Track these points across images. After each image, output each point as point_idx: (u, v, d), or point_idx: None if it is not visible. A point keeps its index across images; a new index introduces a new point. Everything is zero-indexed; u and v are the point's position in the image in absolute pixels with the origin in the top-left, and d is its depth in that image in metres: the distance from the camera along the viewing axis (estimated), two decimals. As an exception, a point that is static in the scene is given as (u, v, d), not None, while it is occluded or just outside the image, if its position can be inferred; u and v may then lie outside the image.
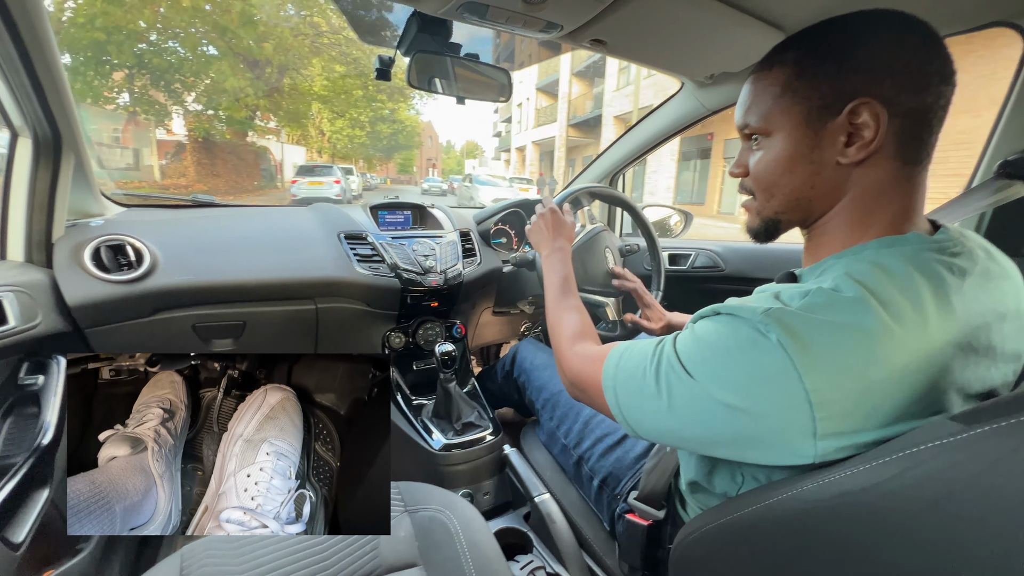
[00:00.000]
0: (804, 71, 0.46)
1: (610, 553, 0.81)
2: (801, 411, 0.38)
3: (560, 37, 0.89)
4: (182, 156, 13.46)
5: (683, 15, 0.81)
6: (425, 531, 0.71)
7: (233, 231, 1.13)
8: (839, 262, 0.45)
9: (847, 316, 0.39)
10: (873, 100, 0.43)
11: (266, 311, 1.09)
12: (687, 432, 0.45)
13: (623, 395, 0.51)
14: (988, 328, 0.43)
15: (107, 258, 0.93)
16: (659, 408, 0.46)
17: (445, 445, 1.12)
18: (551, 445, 1.00)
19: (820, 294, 0.41)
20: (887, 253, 0.43)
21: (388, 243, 1.22)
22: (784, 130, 0.48)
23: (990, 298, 0.44)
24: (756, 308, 0.42)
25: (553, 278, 0.82)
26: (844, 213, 0.47)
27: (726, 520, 0.48)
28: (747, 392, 0.40)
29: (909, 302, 0.39)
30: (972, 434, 0.32)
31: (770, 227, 0.53)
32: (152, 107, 11.95)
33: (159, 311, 0.98)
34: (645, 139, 1.48)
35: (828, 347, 0.38)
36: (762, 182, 0.52)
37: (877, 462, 0.36)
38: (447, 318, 1.38)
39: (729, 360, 0.42)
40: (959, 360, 0.40)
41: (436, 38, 0.91)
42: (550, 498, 0.95)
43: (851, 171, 0.46)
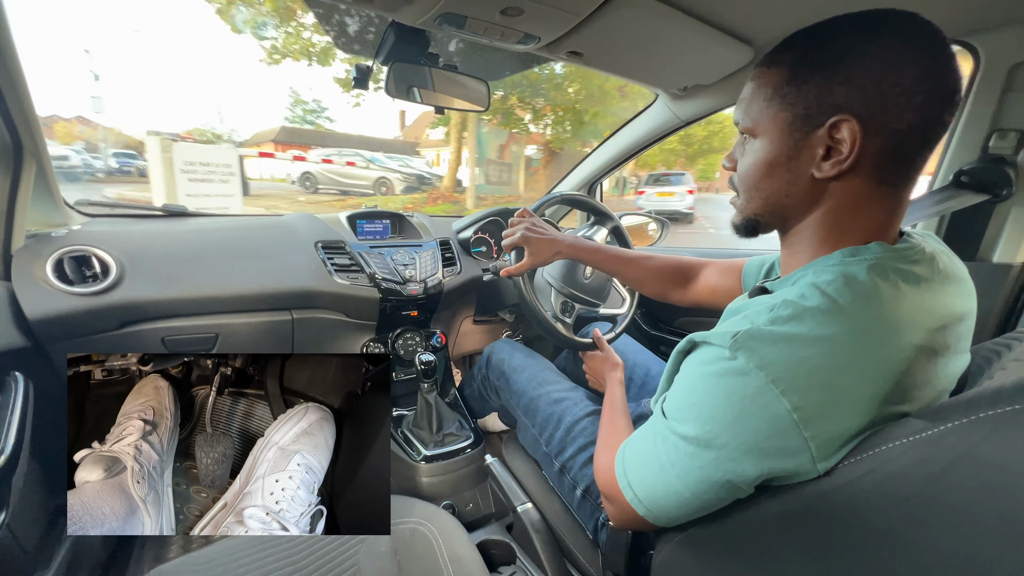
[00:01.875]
0: (796, 77, 0.45)
1: (594, 562, 0.81)
2: (790, 428, 0.39)
3: (538, 49, 0.91)
4: (533, 169, 13.58)
5: (657, 29, 0.84)
6: (406, 545, 0.70)
7: (205, 240, 1.10)
8: (807, 272, 0.46)
9: (811, 327, 0.40)
10: (852, 118, 0.42)
11: (240, 322, 1.06)
12: (711, 496, 0.45)
13: (642, 493, 0.50)
14: (946, 330, 0.44)
15: (71, 270, 0.89)
16: (680, 491, 0.46)
17: (426, 456, 1.10)
18: (533, 451, 0.99)
19: (785, 306, 0.42)
20: (851, 262, 0.44)
21: (367, 252, 1.21)
22: (768, 134, 0.48)
23: (948, 301, 0.46)
24: (726, 333, 0.42)
25: (610, 401, 0.83)
26: (816, 225, 0.48)
27: (707, 526, 0.49)
28: (742, 426, 0.40)
29: (871, 309, 0.40)
30: (936, 431, 0.33)
31: (749, 226, 0.54)
32: (519, 123, 11.49)
33: (126, 324, 0.95)
34: (620, 150, 1.51)
35: (796, 360, 0.39)
36: (744, 182, 0.52)
37: (849, 461, 0.38)
38: (427, 327, 1.37)
39: (716, 403, 0.42)
40: (920, 363, 0.41)
41: (414, 48, 0.91)
42: (533, 508, 0.94)
43: (827, 185, 0.46)
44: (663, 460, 0.47)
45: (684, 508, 0.47)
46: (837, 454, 0.39)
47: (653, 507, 0.49)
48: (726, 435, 0.41)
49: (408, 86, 0.98)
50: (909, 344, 0.41)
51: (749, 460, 0.41)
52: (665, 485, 0.47)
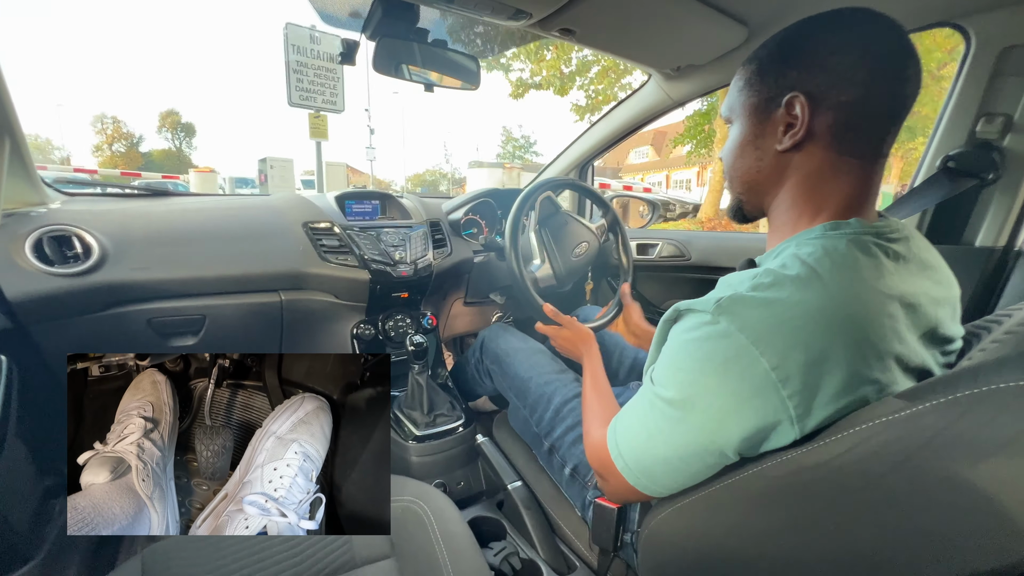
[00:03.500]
0: (762, 67, 0.51)
1: (582, 537, 0.84)
2: (770, 387, 0.41)
3: (529, 25, 0.89)
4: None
5: (651, 7, 0.82)
6: (399, 522, 0.71)
7: (189, 221, 1.08)
8: (790, 244, 0.49)
9: (790, 292, 0.42)
10: (801, 95, 0.47)
11: (227, 303, 1.05)
12: (696, 463, 0.47)
13: (632, 462, 0.52)
14: (922, 308, 0.46)
15: (51, 250, 0.87)
16: (668, 457, 0.49)
17: (417, 437, 1.11)
18: (524, 432, 1.01)
19: (767, 274, 0.44)
20: (832, 235, 0.47)
21: (356, 233, 1.19)
22: (740, 119, 0.54)
23: (925, 284, 0.48)
24: (709, 299, 0.45)
25: (591, 369, 0.85)
26: (788, 198, 0.52)
27: (692, 499, 0.50)
28: (723, 388, 0.43)
29: (848, 278, 0.43)
30: (913, 411, 0.34)
31: (736, 207, 0.59)
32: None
33: (110, 306, 0.93)
34: (612, 130, 1.49)
35: (776, 323, 0.41)
36: (725, 166, 0.58)
37: (831, 439, 0.39)
38: (417, 309, 1.37)
39: (700, 365, 0.45)
40: (899, 333, 0.43)
41: (402, 23, 0.88)
42: (523, 486, 0.96)
43: (791, 158, 0.50)
44: (651, 427, 0.50)
45: (672, 476, 0.50)
46: (814, 415, 0.41)
47: (643, 476, 0.52)
48: (709, 396, 0.44)
49: (396, 63, 0.96)
50: (884, 312, 0.42)
51: (731, 421, 0.43)
52: (653, 452, 0.50)
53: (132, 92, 79.91)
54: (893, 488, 0.34)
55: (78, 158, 36.81)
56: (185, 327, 1.03)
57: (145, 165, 32.70)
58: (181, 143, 35.60)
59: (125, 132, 34.15)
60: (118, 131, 33.85)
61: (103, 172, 16.45)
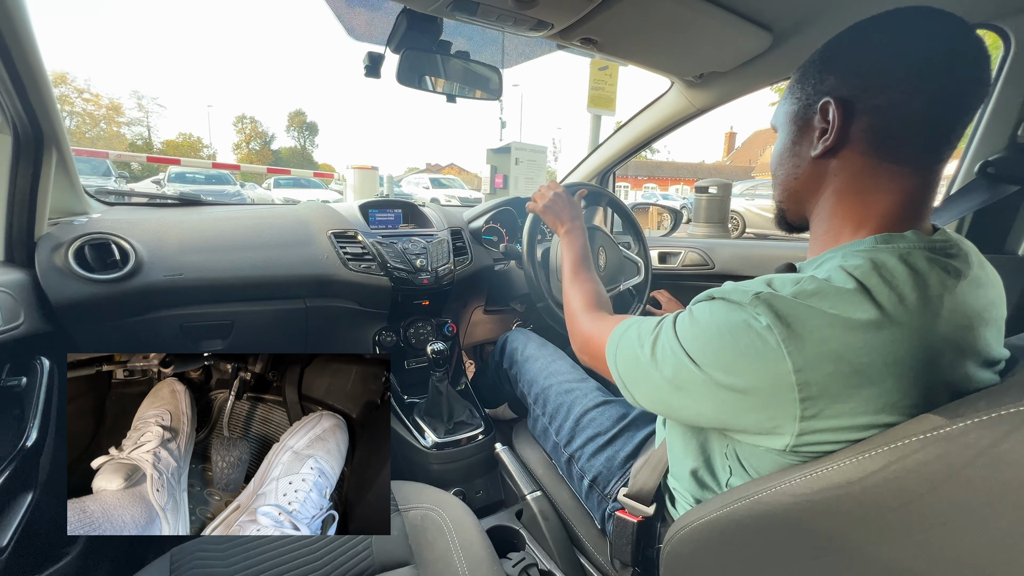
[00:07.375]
0: (804, 74, 0.51)
1: (602, 550, 0.82)
2: (786, 387, 0.40)
3: (551, 35, 0.90)
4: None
5: (673, 14, 0.82)
6: (418, 530, 0.71)
7: (220, 229, 1.11)
8: (836, 255, 0.46)
9: (834, 305, 0.40)
10: (833, 100, 0.46)
11: (254, 310, 1.08)
12: (676, 402, 0.49)
13: (622, 364, 0.56)
14: (974, 330, 0.43)
15: (91, 257, 0.91)
16: (653, 379, 0.50)
17: (437, 444, 1.12)
18: (543, 440, 1.00)
19: (811, 282, 0.42)
20: (883, 249, 0.44)
21: (379, 242, 1.21)
22: (782, 127, 0.55)
23: (978, 303, 0.44)
24: (747, 291, 0.44)
25: (572, 252, 0.89)
26: (828, 206, 0.51)
27: (715, 516, 0.49)
28: (736, 370, 0.42)
29: (899, 297, 0.40)
30: (954, 428, 0.32)
31: (780, 216, 0.59)
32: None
33: (146, 311, 0.97)
34: (634, 138, 1.49)
35: (813, 331, 0.40)
36: (772, 174, 0.59)
37: (863, 456, 0.37)
38: (438, 316, 1.38)
39: (721, 341, 0.44)
40: (947, 357, 0.40)
41: (426, 35, 0.90)
42: (542, 496, 0.95)
43: (827, 165, 0.49)
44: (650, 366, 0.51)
45: (652, 405, 0.53)
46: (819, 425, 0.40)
47: (628, 387, 0.55)
48: (721, 374, 0.44)
49: (420, 74, 0.98)
50: (937, 337, 0.40)
51: (734, 406, 0.44)
52: (647, 381, 0.52)
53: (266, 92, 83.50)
54: (933, 508, 0.33)
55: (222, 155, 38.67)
56: (214, 333, 1.07)
57: (274, 161, 34.51)
58: (305, 141, 37.57)
59: (260, 131, 36.51)
60: (255, 130, 36.28)
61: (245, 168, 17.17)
